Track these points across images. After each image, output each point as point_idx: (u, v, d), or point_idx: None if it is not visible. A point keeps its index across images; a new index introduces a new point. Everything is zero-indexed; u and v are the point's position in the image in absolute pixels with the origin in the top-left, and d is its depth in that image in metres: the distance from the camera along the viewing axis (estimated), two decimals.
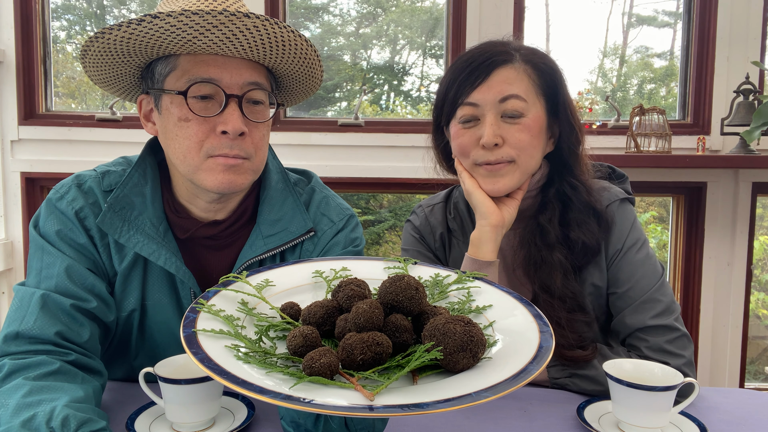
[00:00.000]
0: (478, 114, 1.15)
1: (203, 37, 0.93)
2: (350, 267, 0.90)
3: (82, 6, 2.83)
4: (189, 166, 1.01)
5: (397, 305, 0.71)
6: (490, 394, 0.56)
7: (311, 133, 2.53)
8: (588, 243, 1.17)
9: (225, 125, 0.98)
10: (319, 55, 1.05)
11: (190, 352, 0.62)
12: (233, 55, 0.99)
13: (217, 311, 0.72)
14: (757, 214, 2.64)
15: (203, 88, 0.99)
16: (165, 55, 1.01)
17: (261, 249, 1.07)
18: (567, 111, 1.20)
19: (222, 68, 0.99)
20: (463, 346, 0.63)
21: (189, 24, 0.90)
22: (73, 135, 2.51)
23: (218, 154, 1.00)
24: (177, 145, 1.01)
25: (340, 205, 1.17)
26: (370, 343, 0.63)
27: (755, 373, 3.19)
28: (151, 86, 1.04)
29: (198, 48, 0.97)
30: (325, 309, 0.74)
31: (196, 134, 0.99)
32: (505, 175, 1.16)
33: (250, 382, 0.57)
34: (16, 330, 0.93)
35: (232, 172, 1.01)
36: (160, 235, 1.05)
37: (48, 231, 1.03)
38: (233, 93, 0.99)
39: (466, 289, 0.84)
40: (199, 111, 0.99)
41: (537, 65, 1.17)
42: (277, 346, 0.71)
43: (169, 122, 1.01)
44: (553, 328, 1.13)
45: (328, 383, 0.60)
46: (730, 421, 1.03)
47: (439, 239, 1.33)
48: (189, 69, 0.99)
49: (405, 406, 0.55)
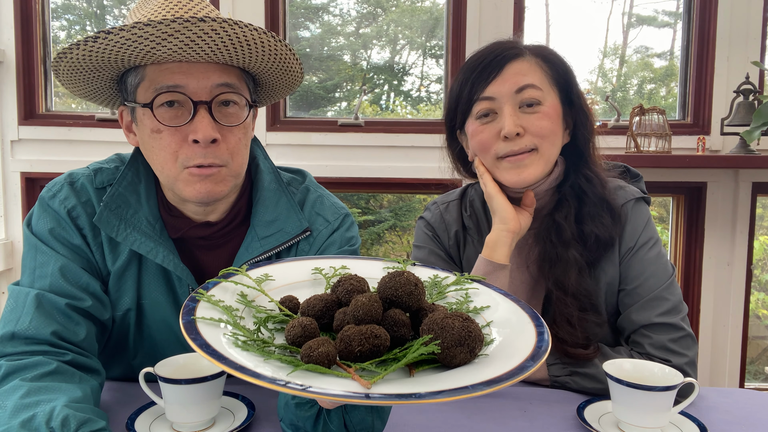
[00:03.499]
0: (496, 107, 1.16)
1: (161, 46, 0.92)
2: (349, 266, 0.90)
3: (82, 6, 2.83)
4: (168, 177, 1.01)
5: (396, 300, 0.71)
6: (485, 387, 0.57)
7: (311, 133, 2.53)
8: (601, 236, 1.17)
9: (195, 134, 0.96)
10: (291, 48, 1.03)
11: (189, 338, 0.62)
12: (196, 60, 0.97)
13: (216, 301, 0.73)
14: (757, 214, 2.64)
15: (168, 96, 0.97)
16: (134, 66, 1.00)
17: (258, 250, 1.07)
18: (580, 99, 1.21)
19: (187, 74, 0.97)
20: (461, 341, 0.64)
21: (143, 36, 0.89)
22: (73, 135, 2.51)
23: (192, 165, 0.98)
24: (154, 157, 1.01)
25: (334, 204, 1.16)
26: (368, 336, 0.64)
27: (755, 373, 3.20)
28: (125, 98, 1.03)
29: (159, 57, 0.95)
30: (324, 302, 0.74)
31: (169, 145, 0.98)
32: (530, 165, 1.16)
33: (247, 367, 0.58)
34: (12, 331, 0.93)
35: (210, 181, 0.99)
36: (157, 233, 1.05)
37: (41, 230, 1.03)
38: (201, 99, 0.97)
39: (464, 291, 0.84)
40: (169, 121, 0.97)
41: (547, 57, 1.19)
42: (275, 336, 0.72)
43: (144, 134, 1.01)
44: (564, 327, 1.14)
45: (326, 372, 0.60)
46: (730, 421, 1.03)
47: (453, 237, 1.33)
48: (155, 78, 0.97)
49: (401, 395, 0.55)
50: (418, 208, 3.40)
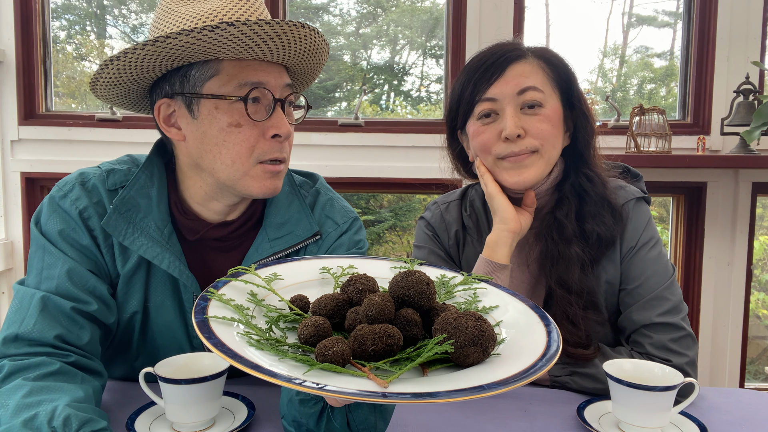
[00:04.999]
0: (497, 108, 1.16)
1: (264, 44, 0.94)
2: (357, 265, 0.90)
3: (82, 6, 2.83)
4: (236, 171, 1.01)
5: (408, 299, 0.71)
6: (500, 387, 0.57)
7: (311, 133, 2.54)
8: (602, 235, 1.17)
9: (277, 129, 1.00)
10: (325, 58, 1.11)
11: (204, 337, 0.62)
12: (278, 62, 1.02)
13: (227, 300, 0.73)
14: (757, 214, 2.64)
15: (255, 93, 0.99)
16: (203, 60, 0.99)
17: (267, 252, 1.08)
18: (581, 102, 1.21)
19: (267, 73, 1.00)
20: (474, 341, 0.64)
21: (257, 32, 0.91)
22: (73, 135, 2.51)
23: (267, 159, 1.01)
24: (224, 151, 1.00)
25: (344, 208, 1.17)
26: (381, 335, 0.64)
27: (755, 373, 3.20)
28: (180, 90, 1.00)
29: (254, 55, 0.98)
30: (336, 301, 0.74)
31: (247, 139, 0.99)
32: (530, 166, 1.16)
33: (263, 366, 0.58)
34: (16, 332, 0.93)
35: (277, 178, 1.04)
36: (165, 238, 1.04)
37: (50, 230, 1.02)
38: (278, 97, 1.01)
39: (472, 290, 0.84)
40: (253, 116, 0.99)
41: (549, 60, 1.19)
42: (287, 336, 0.72)
43: (213, 128, 0.99)
44: (566, 325, 1.14)
45: (341, 371, 0.60)
46: (730, 421, 1.03)
47: (454, 237, 1.33)
48: (236, 74, 0.98)
49: (418, 395, 0.55)
50: (418, 208, 3.40)
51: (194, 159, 1.04)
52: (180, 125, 1.03)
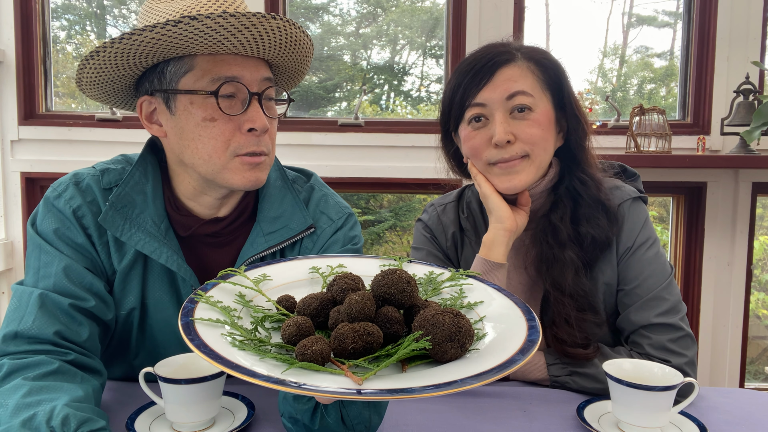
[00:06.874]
0: (487, 113, 1.16)
1: (233, 37, 0.94)
2: (347, 264, 0.91)
3: (82, 6, 2.83)
4: (214, 165, 1.01)
5: (389, 298, 0.72)
6: (474, 381, 0.58)
7: (311, 133, 2.54)
8: (597, 238, 1.17)
9: (252, 123, 1.00)
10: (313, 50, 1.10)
11: (187, 339, 0.64)
12: (255, 55, 1.01)
13: (214, 302, 0.74)
14: (757, 214, 2.64)
15: (229, 87, 0.99)
16: (178, 56, 1.00)
17: (262, 246, 1.08)
18: (572, 104, 1.21)
19: (242, 67, 1.00)
20: (451, 337, 0.65)
21: (224, 25, 0.90)
22: (73, 135, 2.51)
23: (244, 153, 1.01)
24: (200, 146, 1.00)
25: (339, 204, 1.17)
26: (361, 333, 0.65)
27: (755, 373, 3.20)
28: (158, 87, 1.02)
29: (224, 49, 0.97)
30: (320, 301, 0.75)
31: (222, 133, 0.99)
32: (521, 171, 1.16)
33: (243, 366, 0.59)
34: (15, 330, 0.93)
35: (258, 169, 1.03)
36: (162, 233, 1.05)
37: (45, 230, 1.03)
38: (254, 91, 1.01)
39: (458, 286, 0.85)
40: (226, 110, 0.99)
41: (539, 61, 1.19)
42: (271, 335, 0.73)
43: (189, 123, 1.00)
44: (563, 327, 1.14)
45: (320, 369, 0.62)
46: (730, 421, 1.03)
47: (451, 238, 1.33)
48: (210, 69, 0.98)
49: (392, 390, 0.57)
50: (418, 208, 3.41)
51: (177, 155, 1.05)
52: (161, 122, 1.05)
